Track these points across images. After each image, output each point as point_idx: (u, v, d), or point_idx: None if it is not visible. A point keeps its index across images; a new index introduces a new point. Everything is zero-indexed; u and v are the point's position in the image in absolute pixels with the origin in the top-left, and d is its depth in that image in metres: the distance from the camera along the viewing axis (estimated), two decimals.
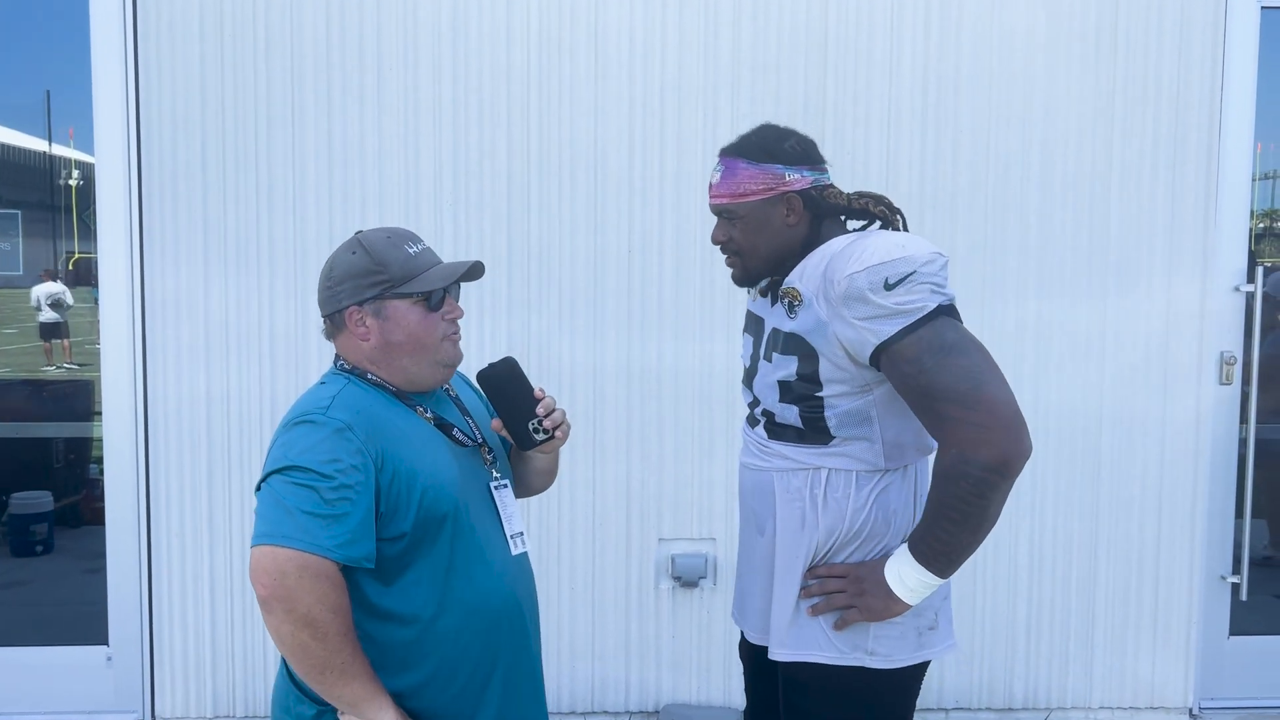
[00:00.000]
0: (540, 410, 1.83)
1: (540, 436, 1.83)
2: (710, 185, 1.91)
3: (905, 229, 1.90)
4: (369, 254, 1.72)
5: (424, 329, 1.74)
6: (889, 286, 1.69)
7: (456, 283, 1.80)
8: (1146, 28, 3.33)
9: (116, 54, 3.24)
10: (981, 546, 3.56)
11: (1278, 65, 3.47)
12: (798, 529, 1.85)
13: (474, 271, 1.80)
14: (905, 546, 1.79)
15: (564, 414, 1.86)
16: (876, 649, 1.83)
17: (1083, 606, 3.46)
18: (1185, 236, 3.37)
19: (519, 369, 1.83)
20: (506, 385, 1.82)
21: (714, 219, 1.95)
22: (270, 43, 3.22)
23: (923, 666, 1.90)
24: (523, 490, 2.03)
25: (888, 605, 1.79)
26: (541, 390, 1.85)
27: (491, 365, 1.83)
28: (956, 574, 3.32)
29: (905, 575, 1.77)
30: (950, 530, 1.70)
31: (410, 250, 1.75)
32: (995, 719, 3.46)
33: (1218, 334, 3.44)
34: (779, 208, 1.84)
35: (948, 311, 1.74)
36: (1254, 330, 3.47)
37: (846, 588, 1.82)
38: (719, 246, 1.93)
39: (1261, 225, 3.61)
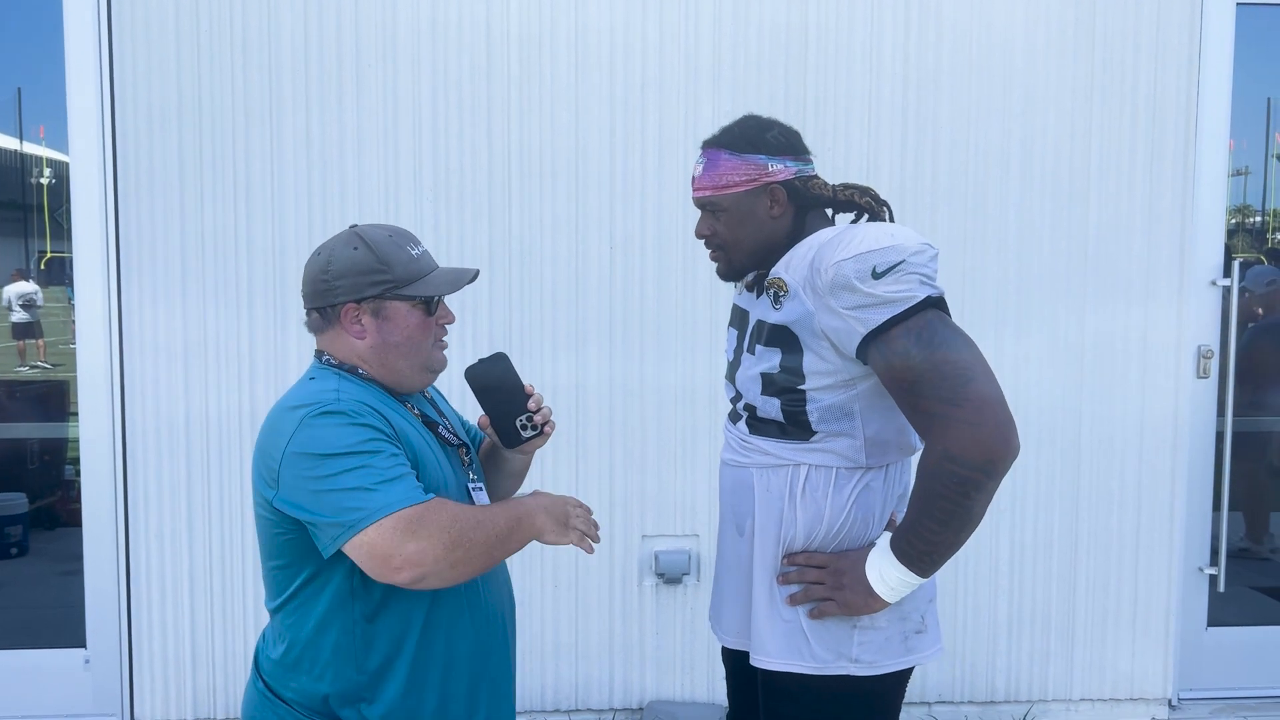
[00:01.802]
0: (531, 406, 1.81)
1: (529, 434, 1.81)
2: (693, 178, 1.87)
3: (892, 220, 1.88)
4: (372, 252, 1.69)
5: (421, 332, 1.73)
6: (877, 275, 1.66)
7: None
8: (1124, 23, 3.35)
9: (91, 51, 3.20)
10: None
11: (1252, 62, 3.50)
12: (775, 528, 1.82)
13: (472, 279, 1.80)
14: (887, 544, 1.74)
15: (551, 410, 1.85)
16: (860, 656, 1.80)
17: (1063, 599, 3.48)
18: (1162, 231, 3.40)
19: (510, 364, 1.81)
20: (497, 381, 1.79)
21: (697, 215, 1.93)
22: (247, 39, 3.19)
23: (908, 671, 1.86)
24: (490, 495, 2.00)
25: (867, 602, 1.75)
26: (531, 386, 1.83)
27: (481, 361, 1.80)
28: (938, 570, 3.30)
29: (886, 573, 1.73)
30: (933, 529, 1.66)
31: (413, 252, 1.73)
32: (978, 712, 3.48)
33: (1195, 328, 3.47)
34: (762, 199, 1.81)
35: (937, 304, 1.70)
36: (1230, 324, 3.50)
37: (825, 579, 1.78)
38: (703, 241, 1.89)
39: (1234, 221, 3.65)
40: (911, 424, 1.71)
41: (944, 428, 1.62)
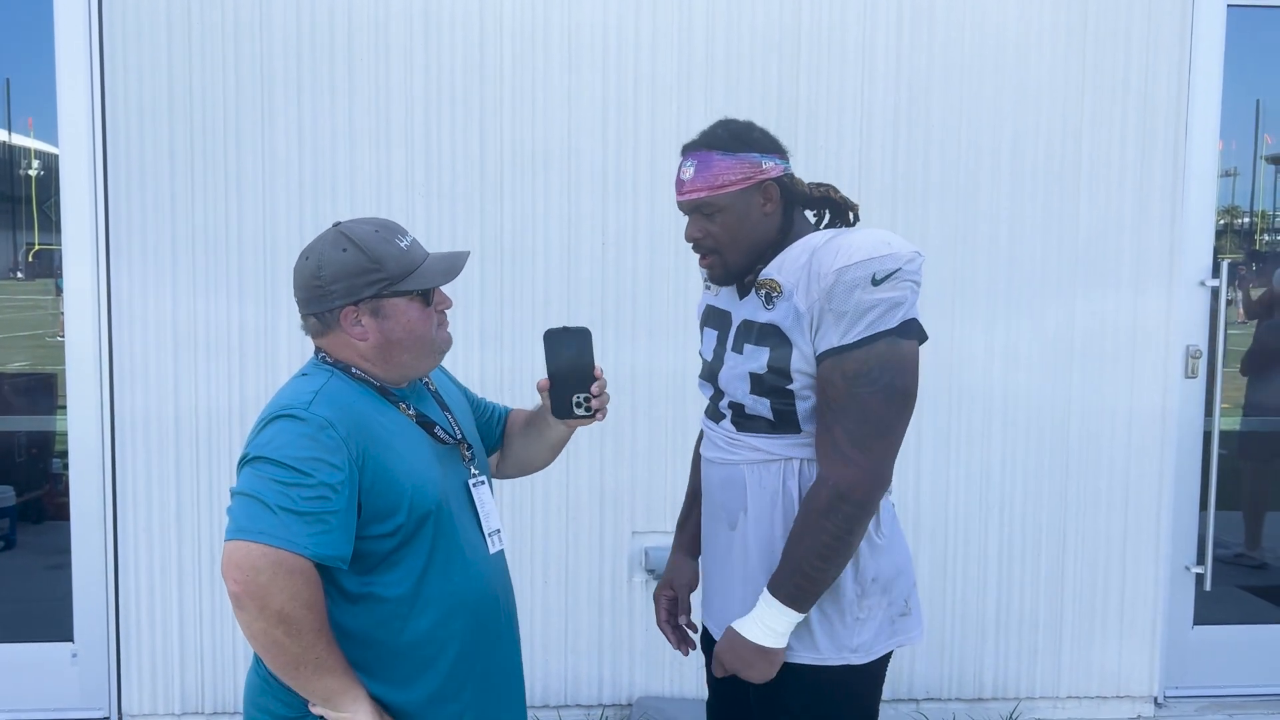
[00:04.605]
0: (594, 389, 1.84)
1: (581, 412, 1.85)
2: (681, 182, 1.85)
3: (857, 217, 1.94)
4: (362, 251, 1.66)
5: (422, 324, 1.72)
6: (876, 282, 1.70)
7: None
8: (1115, 25, 3.36)
9: (81, 42, 3.18)
10: (952, 539, 3.56)
11: (1242, 63, 3.52)
12: (769, 522, 1.84)
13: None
14: (767, 596, 1.79)
15: (609, 399, 1.89)
16: (860, 645, 1.84)
17: (1051, 597, 3.50)
18: (1152, 231, 3.41)
19: (589, 342, 1.83)
20: (573, 353, 1.83)
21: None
22: (239, 31, 3.17)
23: (891, 654, 1.91)
24: (523, 467, 2.05)
25: (764, 661, 1.80)
26: (600, 370, 1.85)
27: (565, 328, 1.83)
28: (926, 565, 3.34)
29: (775, 623, 1.78)
30: (818, 566, 1.74)
31: (401, 244, 1.71)
32: (965, 709, 3.49)
33: (1184, 328, 3.48)
34: (756, 197, 1.82)
35: (908, 331, 1.74)
36: (1219, 324, 3.52)
37: (730, 668, 1.84)
38: (693, 244, 1.88)
39: (1222, 222, 3.67)
40: (817, 438, 1.78)
41: (842, 464, 1.72)
